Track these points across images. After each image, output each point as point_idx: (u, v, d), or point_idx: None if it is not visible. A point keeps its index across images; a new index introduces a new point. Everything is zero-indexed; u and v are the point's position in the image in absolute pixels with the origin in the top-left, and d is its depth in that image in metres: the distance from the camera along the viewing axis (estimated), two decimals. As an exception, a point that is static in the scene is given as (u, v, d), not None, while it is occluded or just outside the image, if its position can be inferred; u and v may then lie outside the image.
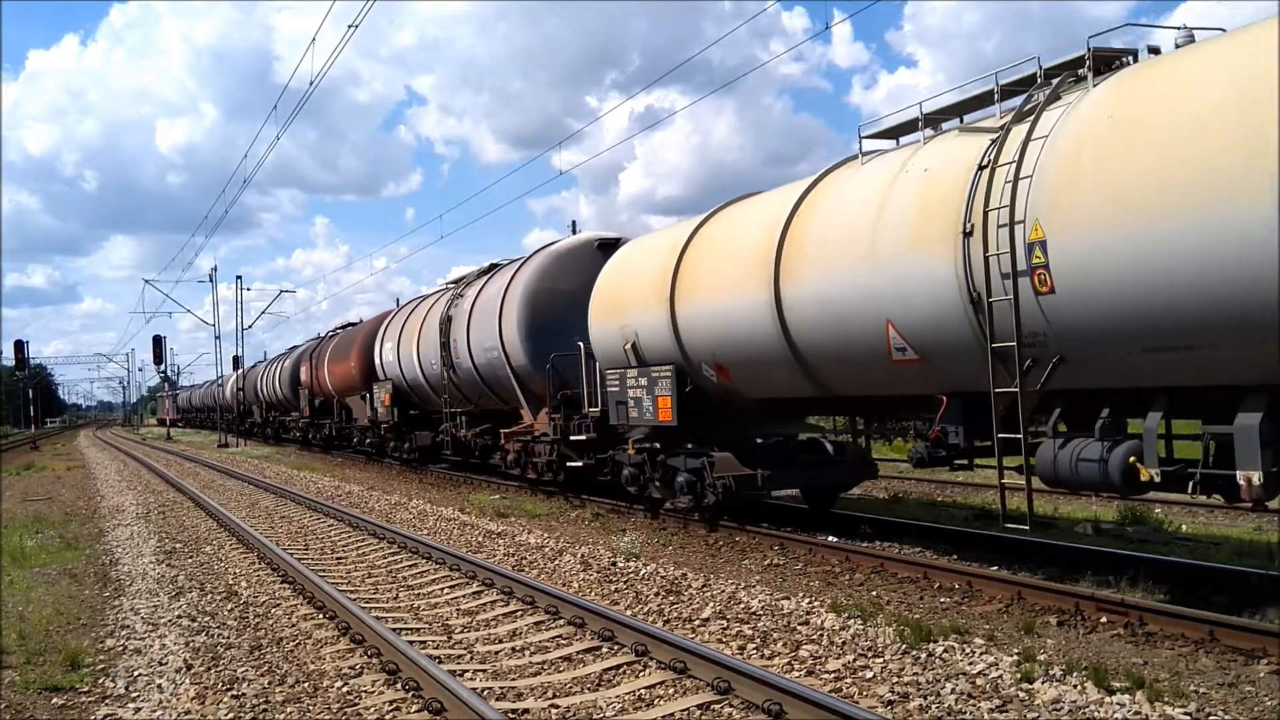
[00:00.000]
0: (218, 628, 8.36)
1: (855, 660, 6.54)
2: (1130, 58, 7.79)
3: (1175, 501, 12.80)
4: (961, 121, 9.20)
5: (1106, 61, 7.78)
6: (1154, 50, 7.77)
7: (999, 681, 5.94)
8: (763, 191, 12.22)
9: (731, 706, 5.77)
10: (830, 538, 11.13)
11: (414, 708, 6.05)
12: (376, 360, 25.73)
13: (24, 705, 6.52)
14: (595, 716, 5.83)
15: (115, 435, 75.02)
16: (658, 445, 13.19)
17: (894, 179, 9.12)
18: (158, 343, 59.42)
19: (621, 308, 13.50)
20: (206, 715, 6.13)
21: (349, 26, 17.37)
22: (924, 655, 6.52)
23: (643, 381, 13.01)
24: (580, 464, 15.45)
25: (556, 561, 10.71)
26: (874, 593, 8.90)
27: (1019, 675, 5.97)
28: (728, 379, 11.78)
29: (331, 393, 31.21)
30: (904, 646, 6.71)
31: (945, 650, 6.59)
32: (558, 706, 5.97)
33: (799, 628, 7.41)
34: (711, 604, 8.27)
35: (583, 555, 10.81)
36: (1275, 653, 6.32)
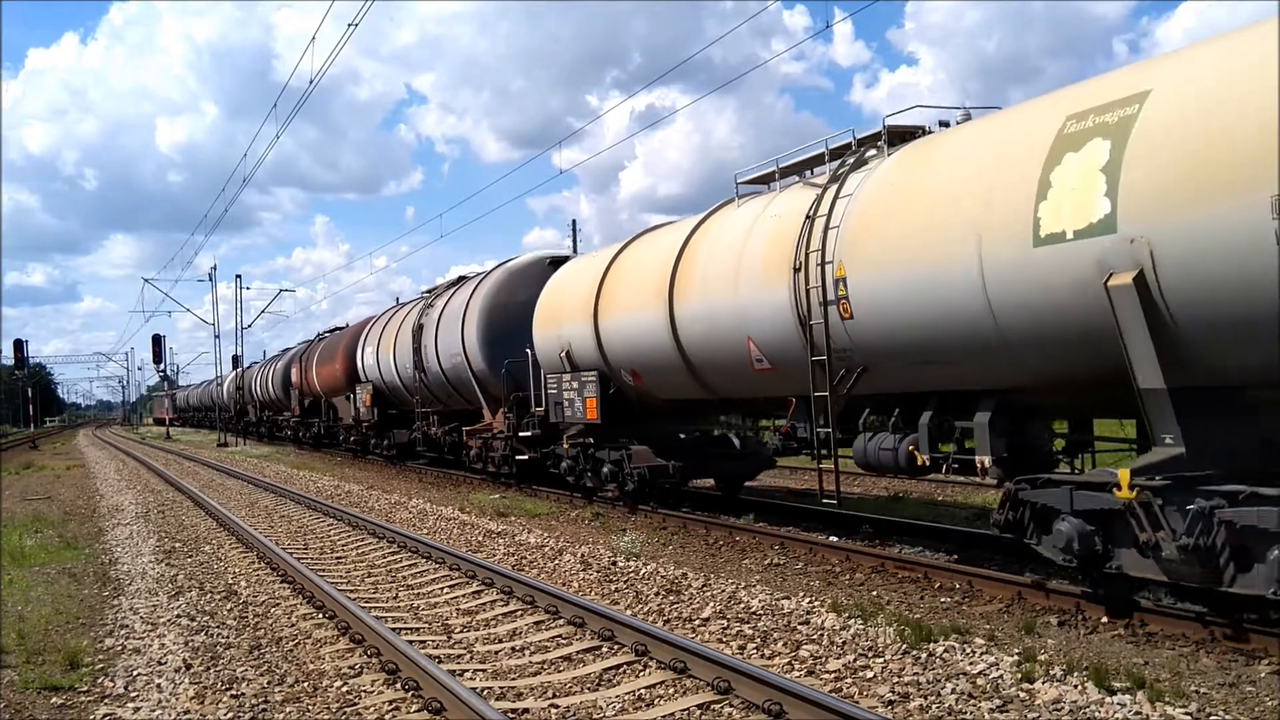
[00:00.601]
0: (217, 627, 8.35)
1: (856, 660, 6.53)
2: (922, 131, 9.67)
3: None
4: (812, 173, 10.90)
5: (905, 135, 9.69)
6: (944, 124, 9.55)
7: (999, 681, 5.93)
8: (674, 222, 14.02)
9: (731, 706, 5.76)
10: (831, 537, 11.15)
11: (414, 707, 6.04)
12: (359, 363, 27.34)
13: (23, 705, 6.51)
14: (595, 716, 5.82)
15: (114, 435, 74.99)
16: (590, 440, 15.02)
17: (754, 221, 11.04)
18: (157, 342, 59.22)
19: (558, 320, 15.27)
20: (206, 715, 6.12)
21: (349, 25, 17.37)
22: (924, 655, 6.51)
23: (575, 385, 14.79)
24: (527, 457, 17.30)
25: (556, 561, 10.70)
26: (874, 593, 8.89)
27: (1019, 675, 5.96)
28: (641, 383, 13.60)
29: (320, 393, 32.69)
30: (904, 646, 6.70)
31: (946, 650, 6.58)
32: (558, 706, 5.96)
33: (799, 627, 7.40)
34: (712, 604, 8.26)
35: (583, 555, 10.80)
36: (1276, 653, 6.32)
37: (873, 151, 9.89)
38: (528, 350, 16.48)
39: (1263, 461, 6.70)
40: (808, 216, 9.78)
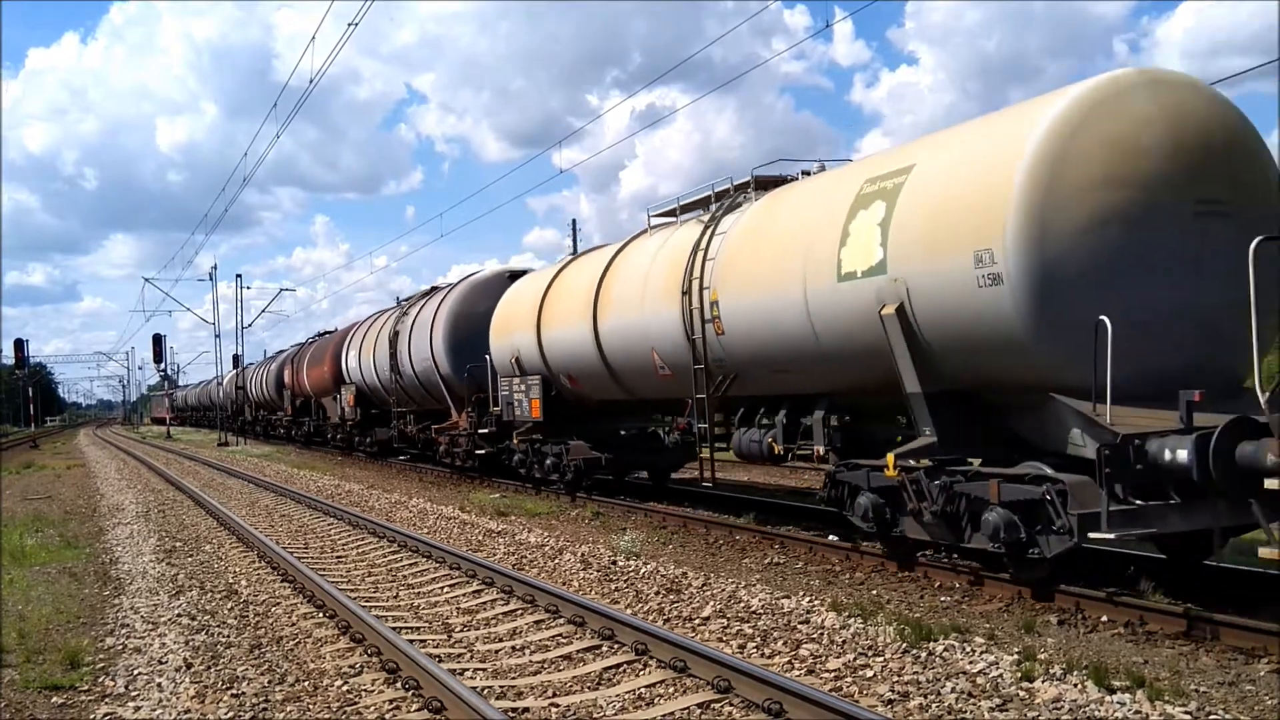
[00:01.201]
0: (217, 626, 8.36)
1: (855, 659, 6.53)
2: (785, 180, 11.69)
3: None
4: (707, 210, 12.63)
5: (772, 183, 11.75)
6: (806, 173, 11.54)
7: (999, 680, 5.93)
8: (605, 245, 15.98)
9: (731, 705, 5.76)
10: (831, 536, 11.16)
11: (414, 706, 6.04)
12: (344, 366, 29.45)
13: (24, 704, 6.51)
14: (595, 715, 5.82)
15: (115, 434, 75.00)
16: (537, 436, 16.94)
17: (658, 250, 13.04)
18: (157, 341, 59.26)
19: (509, 330, 17.31)
20: (206, 714, 6.12)
21: (349, 25, 17.38)
22: (924, 654, 6.52)
23: (523, 387, 16.77)
24: (484, 452, 19.25)
25: (557, 560, 10.70)
26: (874, 591, 8.89)
27: (1019, 674, 5.96)
28: (576, 386, 15.67)
29: (309, 393, 34.92)
30: (904, 645, 6.70)
31: (945, 649, 6.59)
32: (558, 705, 5.96)
33: (799, 626, 7.41)
34: (712, 603, 8.27)
35: (583, 554, 10.80)
36: (1276, 651, 6.32)
37: (745, 196, 11.90)
38: (487, 356, 18.29)
39: (1009, 449, 8.47)
40: (694, 249, 11.76)
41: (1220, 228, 7.53)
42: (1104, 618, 7.42)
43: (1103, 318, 7.16)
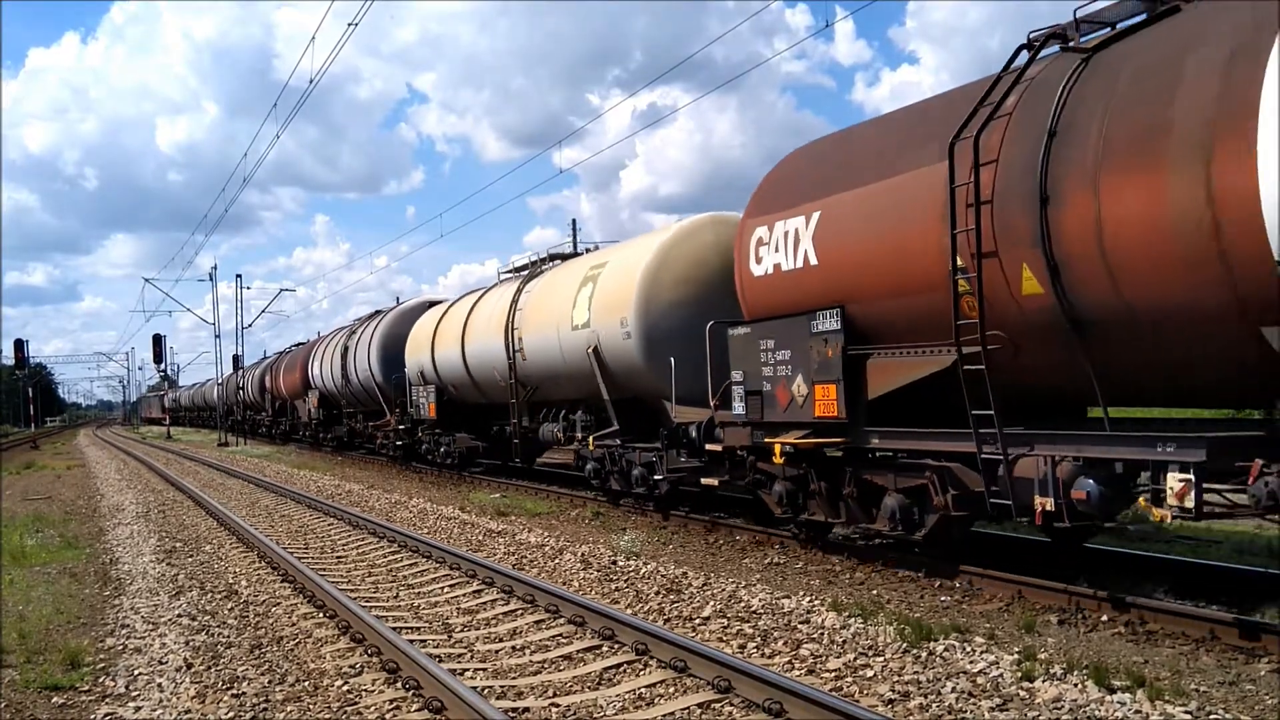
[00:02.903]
0: (218, 626, 8.36)
1: (856, 659, 6.53)
2: (575, 254, 17.94)
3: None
4: (545, 266, 18.64)
5: (564, 257, 18.07)
6: (588, 249, 17.71)
7: (999, 680, 5.94)
8: (478, 289, 21.68)
9: (732, 705, 5.77)
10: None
11: (414, 706, 6.04)
12: (310, 373, 34.63)
13: (24, 704, 6.52)
14: (596, 715, 5.83)
15: (115, 434, 74.97)
16: (437, 430, 22.48)
17: (499, 299, 18.67)
18: (157, 341, 59.10)
19: (417, 350, 22.99)
20: (207, 714, 6.12)
21: (349, 24, 17.38)
22: (924, 654, 6.52)
23: (425, 394, 22.47)
24: (402, 443, 24.81)
25: (557, 560, 10.70)
26: (874, 591, 8.89)
27: (1019, 674, 5.96)
28: (458, 392, 21.15)
29: (285, 396, 40.36)
30: (905, 645, 6.70)
31: (946, 649, 6.59)
32: (558, 705, 5.96)
33: (799, 626, 7.41)
34: (712, 603, 8.27)
35: (583, 554, 10.80)
36: (1276, 651, 6.32)
37: (546, 265, 18.20)
38: (404, 369, 23.61)
39: (653, 429, 13.41)
40: (512, 301, 17.49)
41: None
42: (1104, 617, 7.43)
43: (671, 359, 12.31)
